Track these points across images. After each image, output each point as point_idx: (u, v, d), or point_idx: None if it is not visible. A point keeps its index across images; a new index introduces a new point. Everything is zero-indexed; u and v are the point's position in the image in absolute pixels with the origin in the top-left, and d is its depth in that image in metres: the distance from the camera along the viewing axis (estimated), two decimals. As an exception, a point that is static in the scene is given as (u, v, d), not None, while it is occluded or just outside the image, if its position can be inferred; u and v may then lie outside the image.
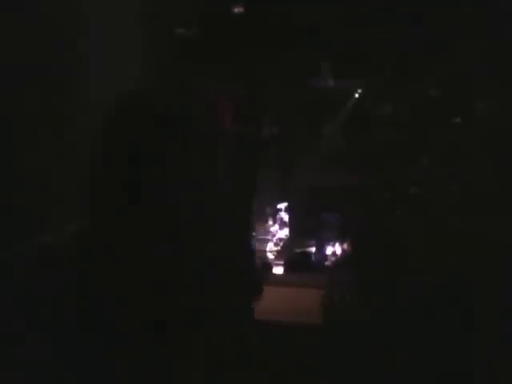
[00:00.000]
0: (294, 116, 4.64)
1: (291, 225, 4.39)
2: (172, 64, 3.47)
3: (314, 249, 4.31)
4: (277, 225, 4.54)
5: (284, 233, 4.38)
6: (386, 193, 3.93)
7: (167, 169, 0.91)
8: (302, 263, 4.13)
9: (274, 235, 4.49)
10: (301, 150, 4.76)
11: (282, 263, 4.16)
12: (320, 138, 4.88)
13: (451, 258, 3.04)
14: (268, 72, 4.05)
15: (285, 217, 4.38)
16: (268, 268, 4.08)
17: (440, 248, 3.11)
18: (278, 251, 4.45)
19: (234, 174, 0.99)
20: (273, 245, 4.45)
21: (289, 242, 4.39)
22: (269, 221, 4.53)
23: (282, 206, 4.35)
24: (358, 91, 4.72)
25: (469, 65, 3.87)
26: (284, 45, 3.97)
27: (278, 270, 4.13)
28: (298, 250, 4.33)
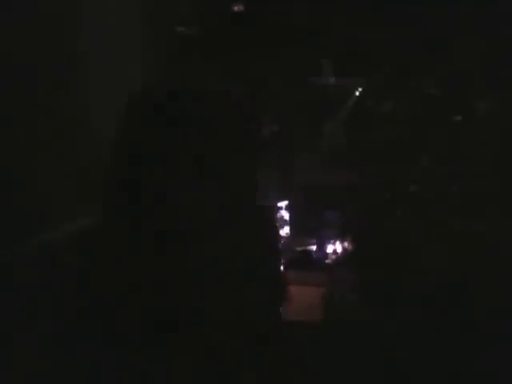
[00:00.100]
0: (294, 114, 4.64)
1: (292, 223, 4.39)
2: (173, 63, 3.47)
3: (314, 247, 4.31)
4: (277, 223, 4.54)
5: (285, 231, 4.38)
6: (386, 192, 3.93)
7: (180, 169, 0.90)
8: (302, 261, 4.13)
9: (275, 234, 4.46)
10: (301, 149, 4.75)
11: (282, 261, 4.16)
12: (321, 136, 4.88)
13: (451, 258, 3.04)
14: (268, 71, 4.04)
15: (285, 215, 4.37)
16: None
17: (440, 247, 3.11)
18: (278, 249, 4.44)
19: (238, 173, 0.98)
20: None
21: (289, 241, 4.39)
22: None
23: (283, 204, 4.34)
24: (359, 89, 4.71)
25: (469, 64, 3.87)
26: (284, 43, 3.96)
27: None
28: (298, 249, 4.33)
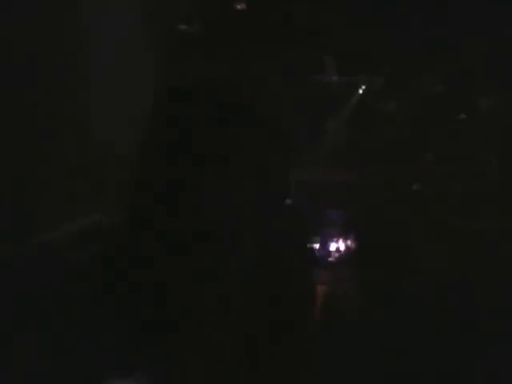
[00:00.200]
0: (295, 113, 4.63)
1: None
2: (174, 60, 3.47)
3: (317, 245, 4.31)
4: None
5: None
6: (387, 190, 3.93)
7: (218, 169, 0.87)
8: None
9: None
10: (303, 147, 4.75)
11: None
12: (323, 134, 4.88)
13: (451, 258, 3.03)
14: (269, 69, 4.03)
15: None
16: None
17: (440, 247, 3.11)
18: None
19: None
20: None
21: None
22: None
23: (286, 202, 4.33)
24: (362, 88, 4.71)
25: (472, 62, 3.86)
26: (286, 41, 3.96)
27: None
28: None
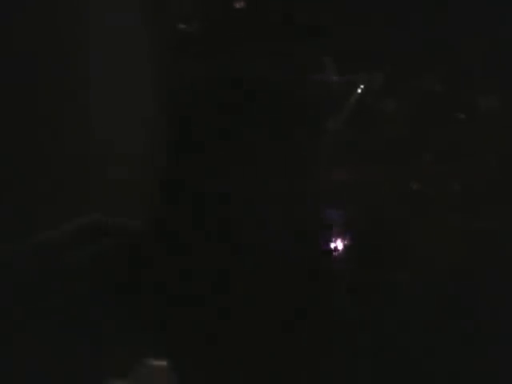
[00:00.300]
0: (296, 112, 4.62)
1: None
2: (174, 59, 3.47)
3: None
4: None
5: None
6: (387, 190, 3.93)
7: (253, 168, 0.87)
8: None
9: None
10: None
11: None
12: (323, 133, 4.87)
13: (451, 257, 3.04)
14: (268, 68, 4.03)
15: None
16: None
17: (440, 246, 3.11)
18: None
19: None
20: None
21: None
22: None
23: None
24: (361, 87, 4.71)
25: (471, 62, 3.87)
26: (285, 40, 3.95)
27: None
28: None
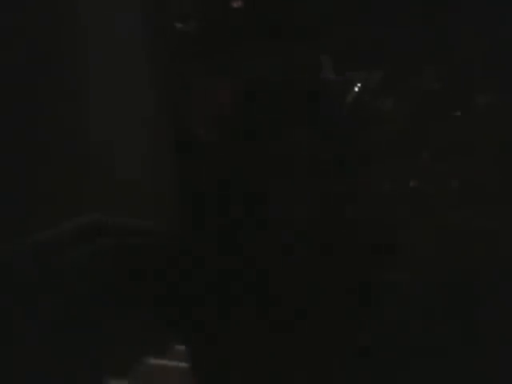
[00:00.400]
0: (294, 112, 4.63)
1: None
2: (173, 59, 3.47)
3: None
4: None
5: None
6: (385, 188, 3.93)
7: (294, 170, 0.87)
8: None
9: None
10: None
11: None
12: (321, 132, 4.88)
13: (451, 256, 3.04)
14: (267, 68, 4.04)
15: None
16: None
17: (440, 246, 3.11)
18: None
19: None
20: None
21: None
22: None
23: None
24: (358, 86, 4.71)
25: (471, 61, 3.87)
26: (283, 40, 3.96)
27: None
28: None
